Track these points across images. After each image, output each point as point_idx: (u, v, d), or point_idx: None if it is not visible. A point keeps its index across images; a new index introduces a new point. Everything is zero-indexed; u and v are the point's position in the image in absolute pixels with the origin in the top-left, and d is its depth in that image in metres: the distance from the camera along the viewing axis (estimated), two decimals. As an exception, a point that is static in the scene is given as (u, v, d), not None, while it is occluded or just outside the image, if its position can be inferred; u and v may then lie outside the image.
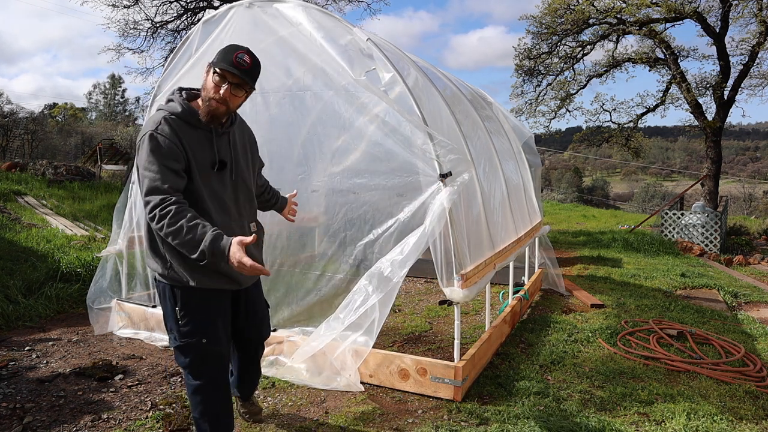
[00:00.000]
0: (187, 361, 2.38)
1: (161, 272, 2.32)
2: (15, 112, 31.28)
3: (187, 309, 2.32)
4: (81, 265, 5.99)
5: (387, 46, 3.95)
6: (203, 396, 2.41)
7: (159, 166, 2.15)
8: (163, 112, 2.28)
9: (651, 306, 5.89)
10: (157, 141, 2.19)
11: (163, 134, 2.20)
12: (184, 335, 2.33)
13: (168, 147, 2.19)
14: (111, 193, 14.07)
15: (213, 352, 2.39)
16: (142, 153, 2.20)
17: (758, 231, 14.42)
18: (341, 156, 5.00)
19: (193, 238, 2.04)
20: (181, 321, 2.32)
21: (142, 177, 2.18)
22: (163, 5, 14.24)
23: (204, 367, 2.40)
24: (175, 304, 2.32)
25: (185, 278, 2.28)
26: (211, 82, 2.25)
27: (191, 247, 2.06)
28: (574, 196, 46.78)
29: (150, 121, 2.27)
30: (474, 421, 3.14)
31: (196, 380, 2.40)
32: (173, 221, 2.06)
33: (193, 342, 2.34)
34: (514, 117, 7.40)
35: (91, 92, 60.49)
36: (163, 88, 4.65)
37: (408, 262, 3.29)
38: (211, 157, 2.32)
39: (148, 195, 2.13)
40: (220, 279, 2.35)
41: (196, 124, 2.30)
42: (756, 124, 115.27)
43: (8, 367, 3.82)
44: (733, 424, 3.19)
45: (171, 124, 2.24)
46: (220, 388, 2.46)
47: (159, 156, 2.17)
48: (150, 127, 2.22)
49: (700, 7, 13.23)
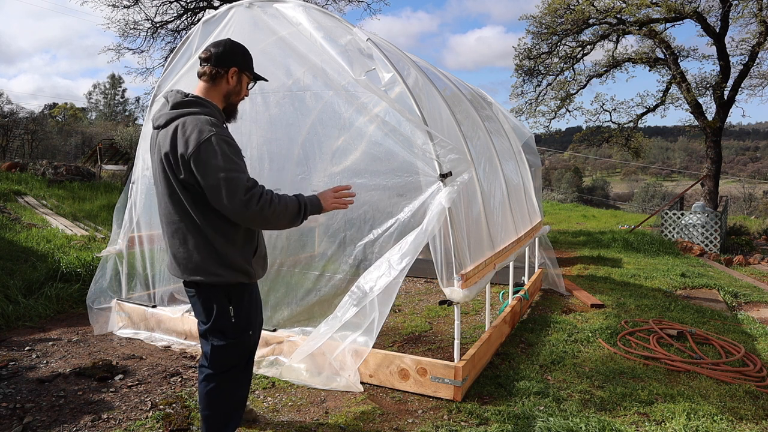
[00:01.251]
0: (231, 357, 2.46)
1: (217, 278, 2.34)
2: (15, 112, 31.32)
3: (241, 306, 2.42)
4: (81, 265, 5.99)
5: (387, 45, 3.95)
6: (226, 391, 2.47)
7: (237, 163, 2.23)
8: (201, 115, 2.31)
9: (651, 306, 5.89)
10: (227, 142, 2.25)
11: (222, 134, 2.26)
12: (236, 332, 2.43)
13: (236, 146, 2.29)
14: (111, 193, 14.07)
15: (254, 342, 2.57)
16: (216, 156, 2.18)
17: (758, 231, 14.43)
18: (341, 156, 5.00)
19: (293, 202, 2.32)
20: (235, 319, 2.41)
21: (227, 179, 2.17)
22: (163, 5, 14.24)
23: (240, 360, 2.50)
24: (229, 304, 2.39)
25: (247, 274, 2.40)
26: (245, 85, 2.51)
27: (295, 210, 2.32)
28: (574, 196, 46.75)
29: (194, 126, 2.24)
30: (474, 421, 3.14)
31: (224, 375, 2.46)
32: (277, 198, 2.26)
33: (244, 336, 2.46)
34: (514, 117, 7.40)
35: (91, 92, 60.43)
36: (163, 88, 4.64)
37: (406, 258, 3.29)
38: None
39: (249, 190, 2.19)
40: (263, 270, 2.54)
41: (221, 120, 2.42)
42: (756, 124, 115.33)
43: (8, 367, 3.82)
44: (733, 424, 3.19)
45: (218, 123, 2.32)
46: (243, 381, 2.56)
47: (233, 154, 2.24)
48: (208, 131, 2.21)
49: (700, 7, 13.24)
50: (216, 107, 2.41)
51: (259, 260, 2.51)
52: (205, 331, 2.44)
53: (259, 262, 2.51)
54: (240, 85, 2.48)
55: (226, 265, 2.34)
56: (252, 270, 2.43)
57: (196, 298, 2.42)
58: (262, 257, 2.54)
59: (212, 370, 2.45)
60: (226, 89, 2.44)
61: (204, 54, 2.42)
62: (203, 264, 2.34)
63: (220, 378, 2.46)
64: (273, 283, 4.65)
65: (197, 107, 2.34)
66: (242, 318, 2.44)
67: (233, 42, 2.48)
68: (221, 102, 2.46)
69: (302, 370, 3.67)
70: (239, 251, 2.37)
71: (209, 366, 2.46)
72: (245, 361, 2.54)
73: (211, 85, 2.43)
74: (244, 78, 2.49)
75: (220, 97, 2.45)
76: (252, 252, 2.44)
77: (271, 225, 2.32)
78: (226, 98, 2.46)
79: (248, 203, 2.18)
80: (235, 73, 2.44)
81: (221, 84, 2.43)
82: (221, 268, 2.34)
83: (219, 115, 2.40)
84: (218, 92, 2.44)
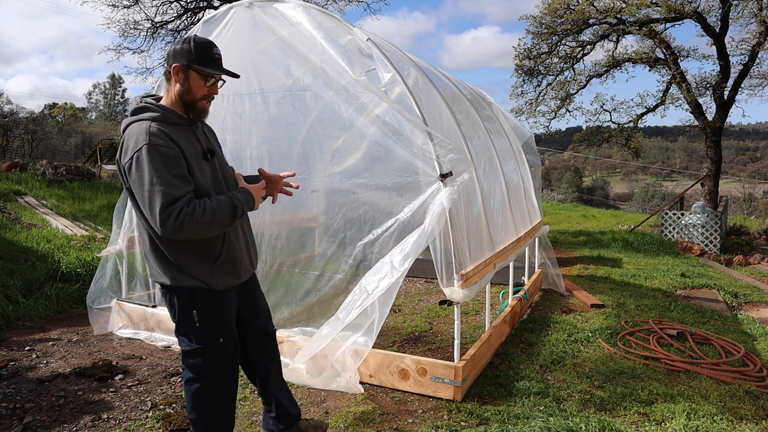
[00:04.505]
0: (200, 362, 2.39)
1: (176, 281, 2.30)
2: (15, 112, 31.31)
3: (205, 312, 2.35)
4: (81, 265, 5.99)
5: (387, 46, 3.95)
6: (206, 396, 2.42)
7: (164, 176, 2.11)
8: (144, 122, 2.21)
9: (651, 306, 5.89)
10: (158, 151, 2.12)
11: (156, 143, 2.13)
12: (201, 337, 2.37)
13: (171, 155, 2.15)
14: (111, 193, 14.06)
15: (227, 351, 2.44)
16: (143, 169, 2.10)
17: (758, 231, 14.43)
18: (341, 156, 5.00)
19: (226, 206, 2.23)
20: (198, 324, 2.35)
21: (150, 193, 2.09)
22: (163, 5, 14.25)
23: (214, 367, 2.42)
24: (192, 308, 2.34)
25: (205, 282, 2.30)
26: (197, 82, 2.30)
27: (229, 214, 2.23)
28: (574, 196, 46.73)
29: (133, 135, 2.17)
30: (474, 421, 3.14)
31: (200, 381, 2.40)
32: (202, 209, 2.15)
33: (211, 343, 2.38)
34: (514, 117, 7.41)
35: (91, 92, 60.41)
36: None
37: (408, 259, 3.29)
38: (201, 149, 2.35)
39: (167, 207, 2.08)
40: (236, 276, 2.42)
41: (177, 122, 2.30)
42: (756, 124, 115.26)
43: (8, 367, 3.82)
44: (733, 424, 3.19)
45: (160, 129, 2.20)
46: (223, 389, 2.47)
47: (164, 164, 2.12)
48: (143, 140, 2.13)
49: (700, 7, 13.24)
50: (170, 110, 2.28)
51: (225, 266, 2.35)
52: (175, 331, 2.44)
53: (225, 268, 2.35)
54: (188, 83, 2.28)
55: (178, 269, 2.29)
56: (212, 277, 2.30)
57: (164, 298, 2.43)
58: (231, 262, 2.38)
59: (189, 374, 2.43)
60: (176, 89, 2.30)
61: None
62: (158, 268, 2.32)
63: (200, 382, 2.41)
64: (273, 283, 4.66)
65: (146, 112, 2.25)
66: (208, 324, 2.35)
67: (192, 38, 2.31)
68: (177, 104, 2.32)
69: (302, 371, 3.67)
70: (193, 257, 2.28)
71: (185, 368, 2.45)
72: (224, 369, 2.45)
73: (167, 85, 2.34)
74: (192, 74, 2.28)
75: (175, 98, 2.31)
76: (213, 258, 2.31)
77: (197, 236, 2.19)
78: (180, 98, 2.31)
79: (166, 219, 2.08)
80: (179, 70, 2.27)
81: (171, 83, 2.31)
82: (174, 272, 2.29)
83: (175, 118, 2.28)
84: (171, 93, 2.32)
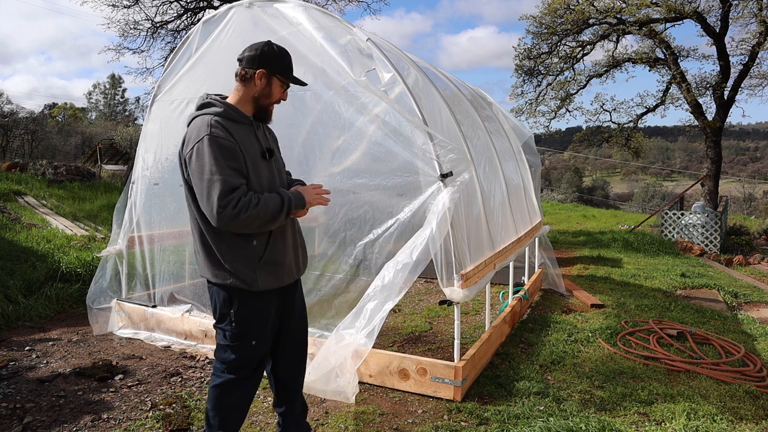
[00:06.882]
0: (231, 358, 2.44)
1: (218, 278, 2.36)
2: (15, 112, 31.30)
3: (242, 313, 2.39)
4: (81, 265, 5.99)
5: (387, 46, 3.95)
6: (228, 390, 2.47)
7: (224, 166, 2.21)
8: (207, 115, 2.32)
9: (651, 306, 5.89)
10: (218, 143, 2.23)
11: (217, 134, 2.24)
12: (235, 337, 2.41)
13: (230, 147, 2.25)
14: (111, 193, 14.07)
15: (258, 353, 2.49)
16: (203, 158, 2.21)
17: (758, 231, 14.44)
18: (341, 156, 5.00)
19: (276, 201, 2.29)
20: (234, 323, 2.39)
21: (210, 182, 2.18)
22: (163, 5, 14.24)
23: (244, 365, 2.47)
24: (231, 308, 2.39)
25: (246, 282, 2.34)
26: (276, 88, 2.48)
27: (277, 209, 2.28)
28: (574, 196, 46.72)
29: (195, 128, 2.30)
30: (474, 421, 3.14)
31: (229, 374, 2.45)
32: (257, 200, 2.22)
33: (244, 343, 2.42)
34: (513, 117, 7.41)
35: (91, 92, 60.37)
36: (163, 88, 4.65)
37: (419, 266, 3.25)
38: (259, 148, 2.44)
39: (226, 196, 2.16)
40: (277, 279, 2.44)
41: (240, 120, 2.40)
42: (756, 124, 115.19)
43: (8, 367, 3.82)
44: (733, 424, 3.19)
45: (221, 123, 2.30)
46: (246, 386, 2.53)
47: (223, 156, 2.22)
48: (204, 132, 2.24)
49: (700, 7, 13.24)
50: (234, 108, 2.40)
51: (268, 268, 2.39)
52: (214, 325, 2.50)
53: (267, 270, 2.39)
54: (269, 88, 2.45)
55: (221, 267, 2.35)
56: (253, 278, 2.34)
57: (208, 291, 2.48)
58: (274, 264, 2.42)
59: (219, 365, 2.48)
60: (254, 91, 2.44)
61: (240, 55, 2.47)
62: (204, 264, 2.40)
63: (225, 376, 2.47)
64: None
65: (210, 108, 2.37)
66: (241, 325, 2.39)
67: (270, 45, 2.46)
68: (249, 103, 2.45)
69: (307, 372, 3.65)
70: (237, 256, 2.34)
71: (215, 359, 2.50)
72: (251, 369, 2.50)
73: (242, 86, 2.45)
74: (274, 81, 2.46)
75: (249, 99, 2.45)
76: (256, 259, 2.36)
77: (251, 228, 2.27)
78: (255, 100, 2.45)
79: (224, 208, 2.16)
80: (263, 75, 2.42)
81: (250, 85, 2.43)
82: (218, 269, 2.36)
83: (238, 116, 2.39)
84: (247, 93, 2.44)
